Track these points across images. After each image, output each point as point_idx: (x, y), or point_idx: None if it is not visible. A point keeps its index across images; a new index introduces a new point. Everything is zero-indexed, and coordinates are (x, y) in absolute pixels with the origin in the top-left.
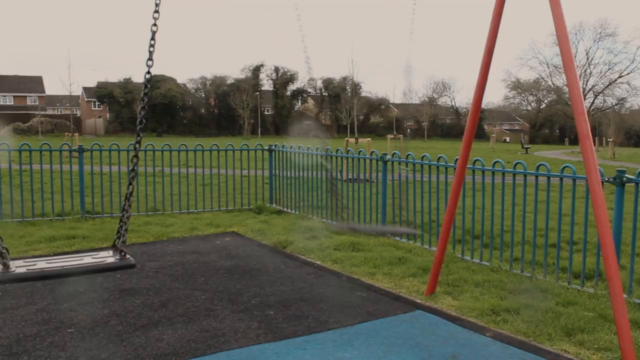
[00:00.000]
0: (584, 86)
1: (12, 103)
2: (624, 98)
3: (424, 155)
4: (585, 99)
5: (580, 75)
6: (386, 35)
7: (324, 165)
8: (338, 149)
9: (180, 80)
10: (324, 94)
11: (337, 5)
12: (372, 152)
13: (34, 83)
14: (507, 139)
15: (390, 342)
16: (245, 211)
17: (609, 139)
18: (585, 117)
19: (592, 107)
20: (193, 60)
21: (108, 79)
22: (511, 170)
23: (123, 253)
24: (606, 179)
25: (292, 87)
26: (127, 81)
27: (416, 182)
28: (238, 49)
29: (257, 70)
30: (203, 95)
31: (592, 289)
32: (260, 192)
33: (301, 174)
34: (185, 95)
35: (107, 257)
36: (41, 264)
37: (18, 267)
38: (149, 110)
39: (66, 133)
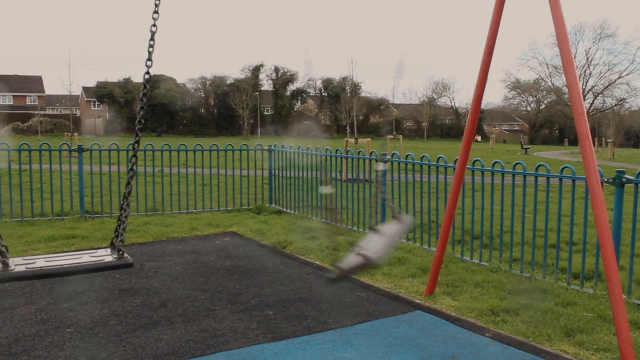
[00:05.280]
0: (584, 87)
1: (11, 103)
2: (623, 99)
3: (423, 156)
4: (584, 100)
5: (579, 76)
6: (385, 35)
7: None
8: (338, 149)
9: (179, 80)
10: (323, 94)
11: (337, 5)
12: (372, 152)
13: (34, 83)
14: (479, 138)
15: (390, 343)
16: (244, 211)
17: (608, 140)
18: (584, 118)
19: (591, 108)
20: (193, 60)
21: (108, 79)
22: (510, 170)
23: (121, 252)
24: (605, 180)
25: (291, 87)
26: (127, 81)
27: (416, 183)
28: (238, 49)
29: (256, 70)
30: (203, 95)
31: (592, 290)
32: (260, 192)
33: (300, 174)
34: (185, 95)
35: (105, 255)
36: (40, 263)
37: (17, 265)
38: (149, 110)
39: (66, 133)
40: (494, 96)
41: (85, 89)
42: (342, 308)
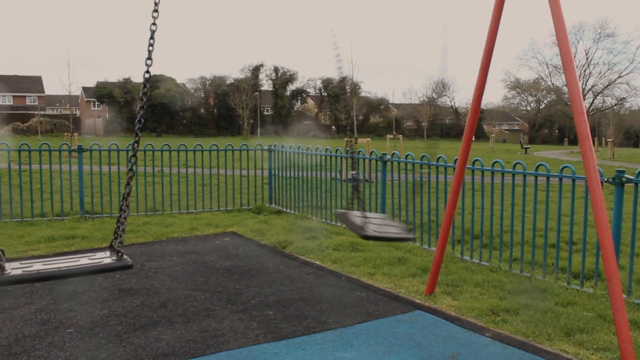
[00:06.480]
0: (584, 86)
1: (11, 103)
2: (623, 98)
3: (423, 155)
4: (584, 99)
5: (579, 76)
6: (386, 34)
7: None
8: (338, 149)
9: (179, 80)
10: (323, 94)
11: (337, 4)
12: (372, 152)
13: (33, 83)
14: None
15: (390, 342)
16: (244, 211)
17: (608, 139)
18: (584, 118)
19: (591, 108)
20: (192, 60)
21: (107, 79)
22: (510, 170)
23: (120, 253)
24: (605, 179)
25: (291, 87)
26: (127, 81)
27: (416, 182)
28: (238, 49)
29: (256, 70)
30: (202, 95)
31: (592, 289)
32: (260, 192)
33: (300, 174)
34: (185, 95)
35: (104, 257)
36: (37, 266)
37: (14, 269)
38: (148, 110)
39: (65, 133)
40: (494, 96)
41: (85, 89)
42: (342, 308)
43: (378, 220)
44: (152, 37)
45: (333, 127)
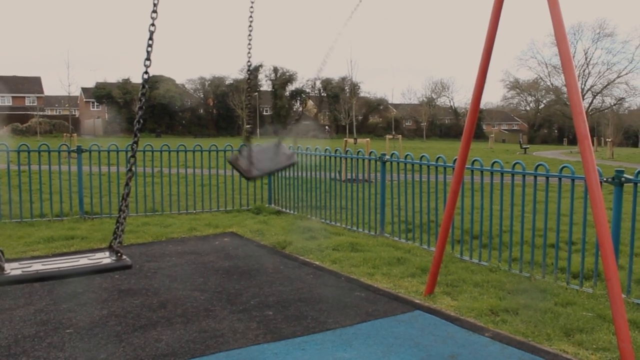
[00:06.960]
0: (583, 86)
1: (10, 104)
2: (622, 98)
3: (422, 156)
4: (583, 99)
5: (578, 76)
6: (386, 35)
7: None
8: (337, 149)
9: (179, 80)
10: (322, 94)
11: (337, 5)
12: (371, 152)
13: (33, 83)
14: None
15: (389, 342)
16: (244, 212)
17: (607, 139)
18: (583, 118)
19: (590, 107)
20: (192, 61)
21: (107, 80)
22: (510, 170)
23: (119, 254)
24: (605, 179)
25: (290, 88)
26: (126, 81)
27: (415, 182)
28: (237, 49)
29: (256, 70)
30: (202, 96)
31: (591, 289)
32: (259, 193)
33: (300, 174)
34: (184, 96)
35: (103, 258)
36: (36, 266)
37: (13, 269)
38: (148, 110)
39: (65, 133)
40: (493, 96)
41: (84, 89)
42: (341, 308)
43: (265, 155)
44: (150, 38)
45: (327, 127)
